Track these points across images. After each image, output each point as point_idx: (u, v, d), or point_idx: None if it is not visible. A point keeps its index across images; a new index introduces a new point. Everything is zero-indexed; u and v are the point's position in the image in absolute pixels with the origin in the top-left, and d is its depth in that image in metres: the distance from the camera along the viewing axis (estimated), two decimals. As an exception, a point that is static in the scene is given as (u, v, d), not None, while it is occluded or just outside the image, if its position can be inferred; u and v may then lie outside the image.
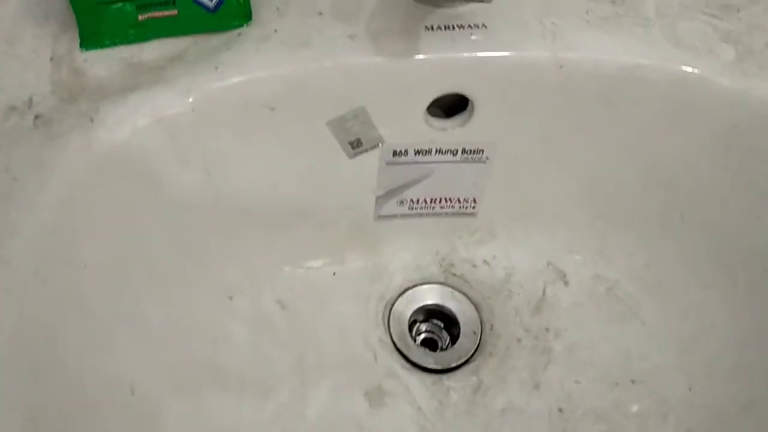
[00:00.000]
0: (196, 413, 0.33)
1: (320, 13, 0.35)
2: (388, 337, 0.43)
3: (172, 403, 0.33)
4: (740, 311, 0.37)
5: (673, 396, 0.37)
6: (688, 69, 0.35)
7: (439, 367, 0.42)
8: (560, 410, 0.39)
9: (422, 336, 0.45)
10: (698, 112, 0.36)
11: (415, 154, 0.39)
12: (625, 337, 0.41)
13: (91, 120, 0.31)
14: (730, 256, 0.38)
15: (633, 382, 0.39)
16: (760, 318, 0.36)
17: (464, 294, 0.44)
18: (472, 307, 0.44)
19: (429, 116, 0.38)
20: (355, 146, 0.38)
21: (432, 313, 0.45)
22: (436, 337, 0.45)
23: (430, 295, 0.45)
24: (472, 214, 0.44)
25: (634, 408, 0.38)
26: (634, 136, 0.38)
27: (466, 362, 0.42)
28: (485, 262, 0.45)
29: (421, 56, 0.35)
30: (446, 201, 0.43)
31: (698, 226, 0.39)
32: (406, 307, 0.44)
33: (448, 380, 0.41)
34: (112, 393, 0.29)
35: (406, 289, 0.44)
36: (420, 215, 0.43)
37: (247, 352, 0.38)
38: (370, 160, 0.39)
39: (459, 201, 0.43)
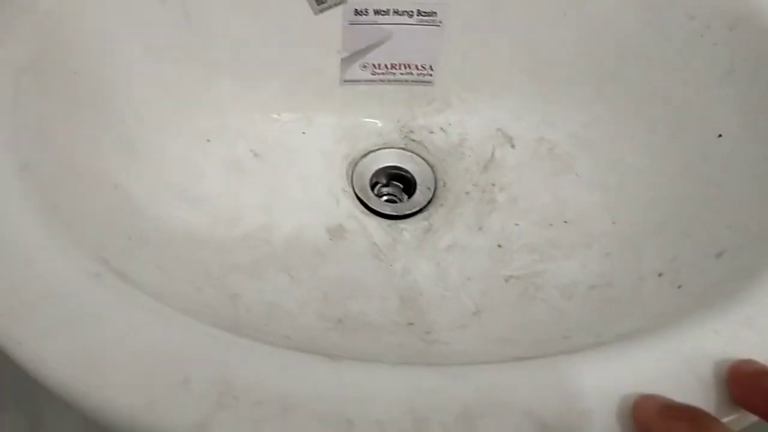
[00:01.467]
0: (168, 224, 0.38)
1: None
2: (351, 188, 0.47)
3: (150, 209, 0.37)
4: (658, 155, 0.42)
5: (598, 229, 0.42)
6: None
7: (394, 213, 0.47)
8: (499, 246, 0.44)
9: (383, 198, 0.49)
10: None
11: (375, 14, 0.44)
12: (561, 188, 0.45)
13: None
14: (651, 109, 0.43)
15: (565, 222, 0.44)
16: (673, 158, 0.41)
17: (421, 157, 0.49)
18: (428, 168, 0.49)
19: (386, -23, 0.42)
20: (320, 1, 0.42)
21: (392, 176, 0.50)
22: (395, 198, 0.49)
23: (390, 158, 0.49)
24: (429, 83, 0.48)
25: (564, 242, 0.43)
26: (567, -1, 0.43)
27: (419, 211, 0.47)
28: (441, 129, 0.49)
29: None
30: (405, 67, 0.47)
31: (627, 85, 0.44)
32: (368, 167, 0.49)
33: (402, 224, 0.46)
34: (95, 181, 0.34)
35: (369, 152, 0.49)
36: (382, 81, 0.48)
37: (220, 186, 0.43)
38: (335, 19, 0.44)
39: (417, 67, 0.47)
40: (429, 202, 0.47)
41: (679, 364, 0.26)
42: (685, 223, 0.38)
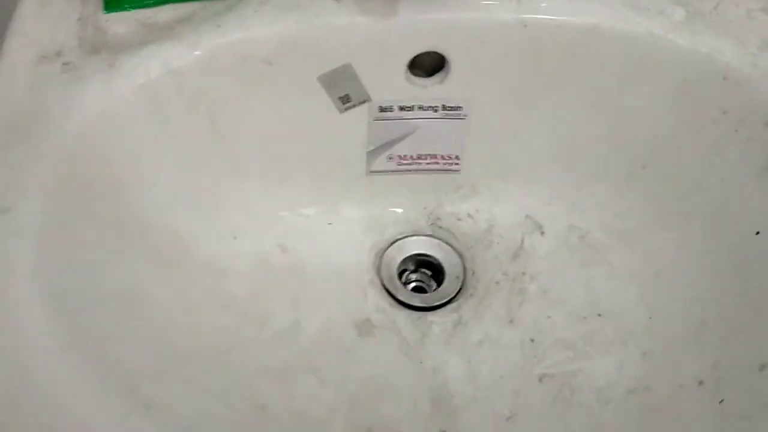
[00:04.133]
0: (197, 329, 0.38)
1: (312, -18, 0.40)
2: (378, 279, 0.47)
3: (179, 316, 0.37)
4: (695, 249, 0.41)
5: (635, 325, 0.41)
6: (642, 28, 0.39)
7: (423, 305, 0.46)
8: (532, 340, 0.43)
9: (411, 285, 0.49)
10: (652, 68, 0.40)
11: (400, 110, 0.44)
12: (594, 279, 0.45)
13: (111, 66, 0.36)
14: (686, 200, 0.42)
15: (599, 315, 0.43)
16: (712, 252, 0.40)
17: (449, 245, 0.49)
18: (457, 256, 0.48)
19: (411, 75, 0.42)
20: (345, 101, 0.43)
21: (420, 263, 0.49)
22: (424, 285, 0.49)
23: (418, 246, 0.49)
24: (456, 171, 0.48)
25: (599, 337, 0.41)
26: (596, 92, 0.42)
27: (449, 302, 0.46)
28: (469, 215, 0.49)
29: (399, 17, 0.39)
30: (431, 158, 0.47)
31: (659, 174, 0.43)
32: (396, 255, 0.48)
33: (431, 316, 0.45)
34: (124, 298, 0.34)
35: (396, 240, 0.49)
36: (408, 171, 0.48)
37: (248, 285, 0.43)
38: (360, 115, 0.44)
39: (443, 158, 0.47)
40: (458, 291, 0.46)
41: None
42: (725, 325, 0.37)
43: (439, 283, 0.48)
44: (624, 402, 0.37)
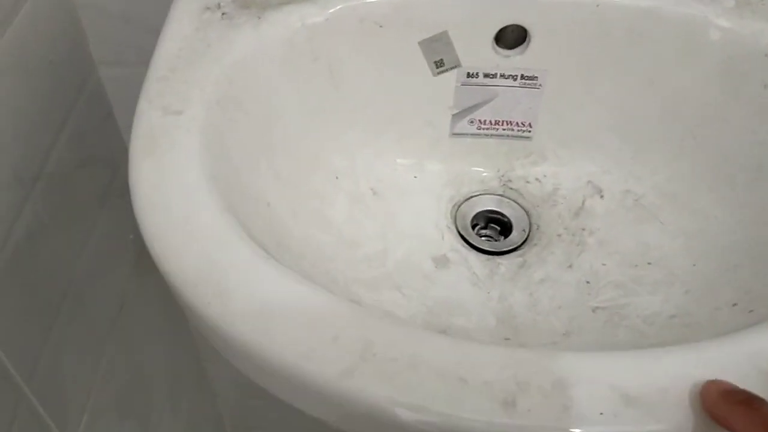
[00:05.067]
0: (305, 238, 0.46)
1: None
2: (454, 226, 0.54)
3: (292, 225, 0.45)
4: (736, 206, 0.47)
5: (680, 270, 0.47)
6: (696, 11, 0.47)
7: (492, 249, 0.53)
8: (588, 282, 0.49)
9: (483, 239, 0.56)
10: (703, 47, 0.47)
11: (484, 77, 0.52)
12: (646, 235, 0.51)
13: (259, 18, 0.45)
14: (731, 165, 0.48)
15: (649, 264, 0.49)
16: (749, 208, 0.46)
17: (518, 203, 0.56)
18: (524, 213, 0.55)
19: (496, 46, 0.50)
20: (439, 65, 0.51)
21: (491, 219, 0.56)
22: (493, 239, 0.56)
23: (490, 203, 0.56)
24: (528, 138, 0.55)
25: (648, 280, 0.48)
26: (654, 69, 0.49)
27: (515, 249, 0.53)
28: (537, 179, 0.56)
29: (491, -7, 0.47)
30: (507, 124, 0.55)
31: (707, 143, 0.49)
32: (470, 210, 0.56)
33: (498, 259, 0.52)
34: (254, 200, 0.42)
35: (472, 197, 0.56)
36: (486, 135, 0.55)
37: (345, 215, 0.51)
38: (449, 80, 0.52)
39: (517, 124, 0.55)
40: (524, 242, 0.53)
41: (743, 358, 0.31)
42: (758, 264, 0.43)
43: (507, 237, 0.55)
44: (666, 323, 0.43)
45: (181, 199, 0.35)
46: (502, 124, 0.54)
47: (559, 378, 0.30)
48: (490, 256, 0.52)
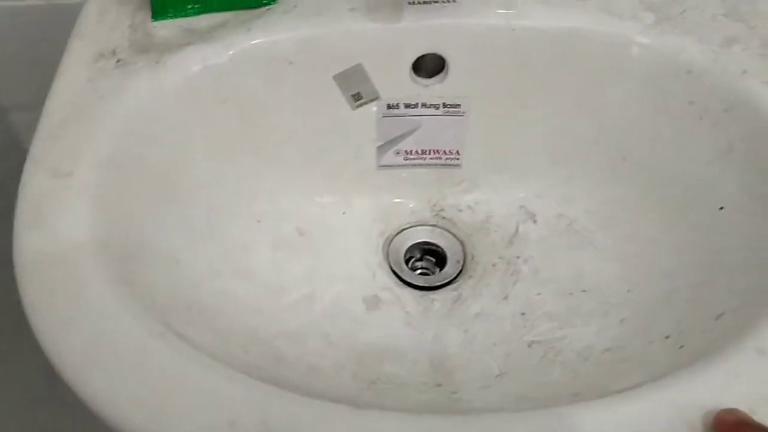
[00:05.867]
0: (222, 295, 0.43)
1: (330, -5, 0.46)
2: (386, 263, 0.52)
3: (207, 281, 0.43)
4: (669, 227, 0.45)
5: (615, 297, 0.45)
6: (616, 30, 0.45)
7: (426, 285, 0.51)
8: (523, 314, 0.47)
9: (417, 272, 0.54)
10: (625, 66, 0.46)
11: (406, 107, 0.50)
12: (580, 261, 0.49)
13: (157, 63, 0.42)
14: (661, 185, 0.47)
15: (584, 291, 0.47)
16: (682, 230, 0.44)
17: (451, 233, 0.54)
18: (458, 243, 0.53)
19: (414, 75, 0.48)
20: (357, 98, 0.49)
21: (425, 251, 0.54)
22: (428, 271, 0.54)
23: (422, 234, 0.54)
24: (457, 165, 0.53)
25: (583, 309, 0.46)
26: (579, 90, 0.48)
27: (450, 283, 0.51)
28: (469, 207, 0.54)
29: (405, 23, 0.45)
30: (434, 152, 0.53)
31: (639, 163, 0.48)
32: (402, 243, 0.54)
33: (433, 295, 0.50)
34: (160, 256, 0.39)
35: (403, 229, 0.54)
36: (414, 165, 0.53)
37: (268, 261, 0.48)
38: (370, 112, 0.50)
39: (445, 152, 0.53)
40: (459, 273, 0.51)
41: (672, 413, 0.29)
42: (692, 290, 0.42)
43: (442, 268, 0.53)
44: (600, 357, 0.41)
45: (65, 274, 0.33)
46: (430, 153, 0.52)
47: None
48: (424, 292, 0.50)
